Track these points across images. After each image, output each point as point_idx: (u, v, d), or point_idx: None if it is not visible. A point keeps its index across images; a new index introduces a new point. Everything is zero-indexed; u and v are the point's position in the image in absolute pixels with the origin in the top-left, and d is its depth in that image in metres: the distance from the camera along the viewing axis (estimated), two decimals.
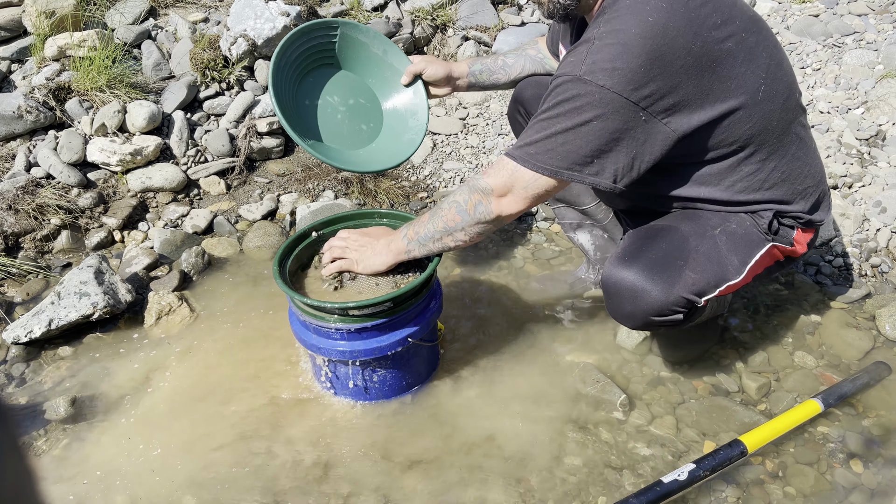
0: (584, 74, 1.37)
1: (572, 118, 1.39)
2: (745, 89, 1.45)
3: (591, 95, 1.37)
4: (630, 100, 1.36)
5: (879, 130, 2.50)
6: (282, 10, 2.88)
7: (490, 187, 1.50)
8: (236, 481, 1.62)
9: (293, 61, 1.81)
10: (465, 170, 2.72)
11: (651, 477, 1.57)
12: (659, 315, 1.53)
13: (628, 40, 1.35)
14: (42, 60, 2.83)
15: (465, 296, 2.17)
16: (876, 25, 3.05)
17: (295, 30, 1.80)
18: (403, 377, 1.77)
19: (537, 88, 1.99)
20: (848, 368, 1.83)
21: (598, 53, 1.37)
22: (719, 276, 1.54)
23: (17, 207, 2.40)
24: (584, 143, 1.40)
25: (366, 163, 1.86)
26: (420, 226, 1.60)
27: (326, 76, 1.91)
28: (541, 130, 1.44)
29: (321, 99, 1.88)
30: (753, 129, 1.49)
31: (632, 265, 1.54)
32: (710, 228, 1.57)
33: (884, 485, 1.55)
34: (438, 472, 1.62)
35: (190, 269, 2.30)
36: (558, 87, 1.42)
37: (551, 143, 1.42)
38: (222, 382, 1.89)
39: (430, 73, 1.92)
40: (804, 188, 1.61)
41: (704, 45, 1.38)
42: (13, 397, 1.88)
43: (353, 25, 1.90)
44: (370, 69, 1.95)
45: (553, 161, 1.43)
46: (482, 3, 3.24)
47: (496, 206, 1.51)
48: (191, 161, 2.70)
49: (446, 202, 1.56)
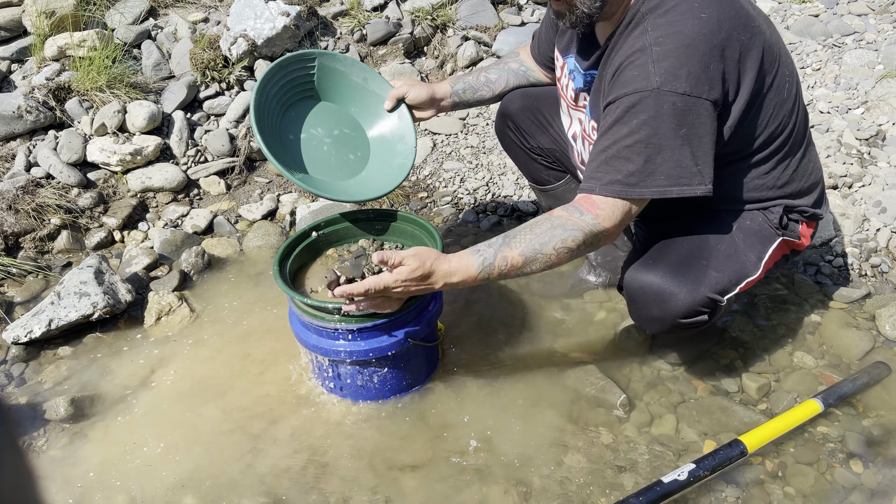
0: (661, 85, 1.32)
1: (664, 135, 1.34)
2: (777, 85, 1.47)
3: (675, 106, 1.33)
4: (709, 100, 1.35)
5: (879, 130, 2.50)
6: (282, 10, 2.88)
7: (606, 230, 1.44)
8: (236, 481, 1.62)
9: (273, 96, 1.78)
10: (465, 169, 2.72)
11: (651, 477, 1.56)
12: (686, 317, 1.52)
13: (691, 41, 1.32)
14: (42, 60, 2.83)
15: (466, 296, 2.17)
16: (876, 25, 3.05)
17: (272, 65, 1.78)
18: (404, 377, 1.77)
19: (524, 100, 1.97)
20: (848, 368, 1.83)
21: (666, 60, 1.33)
22: (740, 273, 1.55)
23: (17, 207, 2.40)
24: (682, 155, 1.36)
25: (358, 192, 1.83)
26: (511, 269, 1.45)
27: (308, 109, 1.88)
28: (635, 156, 1.37)
29: (305, 132, 1.85)
30: (777, 126, 1.51)
31: (655, 268, 1.54)
32: (726, 226, 1.58)
33: (884, 485, 1.55)
34: (438, 473, 1.62)
35: (190, 269, 2.30)
36: (636, 104, 1.35)
37: (652, 167, 1.37)
38: (222, 382, 1.89)
39: (413, 96, 1.89)
40: (810, 184, 1.64)
41: (752, 35, 1.39)
42: (13, 397, 1.88)
43: (330, 56, 1.89)
44: (352, 98, 1.92)
45: (660, 183, 1.38)
46: (482, 3, 3.24)
47: (604, 241, 1.48)
48: (191, 161, 2.70)
49: (552, 248, 1.43)
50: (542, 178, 2.08)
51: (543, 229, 1.45)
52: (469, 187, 2.65)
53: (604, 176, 1.42)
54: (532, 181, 2.14)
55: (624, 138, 1.38)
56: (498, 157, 2.76)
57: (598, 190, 1.43)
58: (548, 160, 2.02)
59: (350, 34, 3.10)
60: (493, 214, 2.53)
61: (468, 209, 2.56)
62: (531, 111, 1.96)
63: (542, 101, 1.95)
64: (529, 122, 1.97)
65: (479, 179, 2.68)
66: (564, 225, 1.44)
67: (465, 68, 3.08)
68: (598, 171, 1.43)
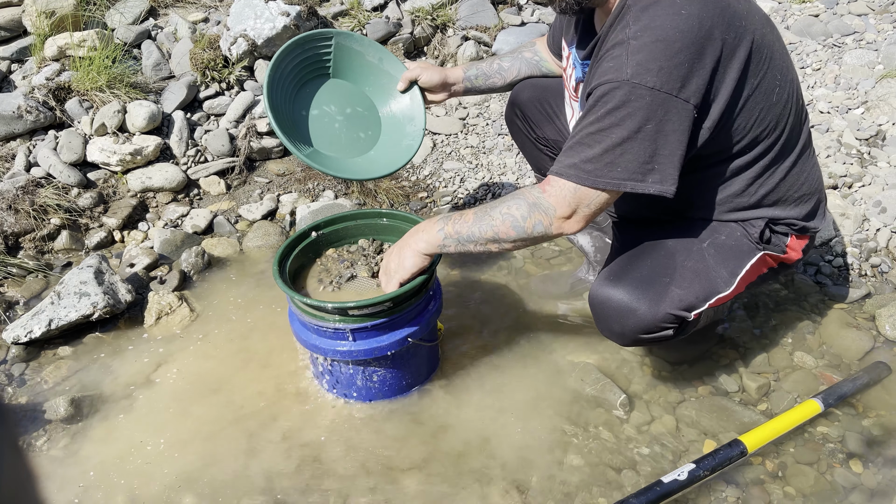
0: (631, 78, 1.32)
1: (627, 126, 1.34)
2: (766, 88, 1.44)
3: (642, 99, 1.32)
4: (680, 97, 1.33)
5: (879, 130, 2.50)
6: (282, 10, 2.88)
7: (554, 208, 1.44)
8: (236, 480, 1.62)
9: (289, 72, 1.82)
10: (465, 169, 2.72)
11: (651, 477, 1.57)
12: (647, 332, 1.51)
13: (667, 36, 1.31)
14: (42, 60, 2.83)
15: (466, 296, 2.17)
16: (876, 25, 3.05)
17: (289, 42, 1.82)
18: (403, 377, 1.77)
19: (533, 91, 1.98)
20: (848, 368, 1.83)
21: (640, 53, 1.32)
22: (708, 290, 1.52)
23: (17, 207, 2.40)
24: (643, 149, 1.34)
25: (364, 170, 1.87)
26: (462, 225, 1.52)
27: (323, 86, 1.91)
28: (595, 143, 1.37)
29: (318, 109, 1.88)
30: (763, 130, 1.48)
31: (618, 284, 1.53)
32: (697, 242, 1.56)
33: (884, 485, 1.55)
34: (438, 473, 1.62)
35: (190, 268, 2.30)
36: (605, 95, 1.35)
37: (611, 157, 1.36)
38: (222, 382, 1.89)
39: (426, 78, 1.92)
40: (801, 195, 1.60)
41: (737, 36, 1.36)
42: (13, 397, 1.88)
43: (347, 35, 1.92)
44: (366, 77, 1.96)
45: (615, 174, 1.37)
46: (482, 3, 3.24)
47: (557, 227, 1.46)
48: (191, 161, 2.70)
49: (498, 212, 1.49)
50: (546, 169, 2.09)
51: (499, 200, 1.53)
52: (469, 187, 2.65)
53: (564, 159, 1.43)
54: (537, 171, 2.17)
55: (589, 125, 1.39)
56: (498, 158, 2.76)
57: (556, 170, 1.44)
58: (553, 151, 2.03)
59: None
60: None
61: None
62: (539, 101, 1.97)
63: (550, 92, 1.96)
64: (537, 112, 1.98)
65: (479, 179, 2.68)
66: (515, 195, 1.50)
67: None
68: (561, 156, 1.45)
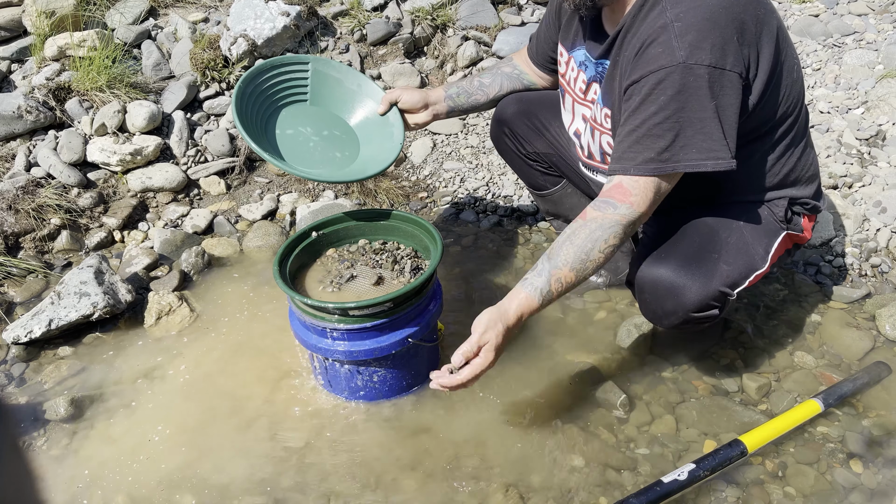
0: (687, 59, 1.33)
1: (694, 107, 1.35)
2: (789, 65, 1.48)
3: (701, 79, 1.33)
4: (734, 71, 1.35)
5: (879, 130, 2.50)
6: (282, 10, 2.88)
7: (643, 214, 1.44)
8: (236, 480, 1.62)
9: (262, 91, 1.84)
10: (465, 169, 2.72)
11: (651, 477, 1.57)
12: (699, 311, 1.53)
13: (712, 14, 1.34)
14: (42, 60, 2.83)
15: (466, 296, 2.17)
16: (876, 25, 3.05)
17: (264, 62, 1.86)
18: (404, 377, 1.77)
19: (519, 105, 1.96)
20: (848, 368, 1.83)
21: (689, 34, 1.33)
22: (749, 266, 1.55)
23: (17, 207, 2.41)
24: (713, 127, 1.36)
25: (330, 175, 1.86)
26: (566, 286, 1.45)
27: (300, 110, 1.92)
28: (666, 132, 1.37)
29: (293, 129, 1.88)
30: (789, 107, 1.52)
31: (667, 262, 1.54)
32: (733, 220, 1.59)
33: (884, 485, 1.55)
34: (438, 473, 1.62)
35: (190, 269, 2.30)
36: (662, 81, 1.35)
37: (683, 140, 1.37)
38: (222, 382, 1.89)
39: (406, 99, 1.92)
40: (811, 174, 1.66)
41: (767, 12, 1.41)
42: (13, 397, 1.88)
43: (324, 62, 1.94)
44: (345, 104, 1.97)
45: (692, 157, 1.38)
46: (482, 3, 3.24)
47: (641, 223, 1.48)
48: (191, 161, 2.70)
49: (597, 251, 1.43)
50: (539, 184, 2.09)
51: (583, 236, 1.44)
52: (469, 187, 2.65)
53: (636, 156, 1.42)
54: (529, 186, 2.16)
55: (653, 116, 1.38)
56: (498, 158, 2.76)
57: (633, 170, 1.42)
58: (543, 165, 2.03)
59: (350, 34, 3.10)
60: (493, 214, 2.53)
61: (468, 209, 2.56)
62: (526, 116, 1.95)
63: (536, 106, 1.95)
64: (525, 127, 1.97)
65: (479, 179, 2.68)
66: (602, 225, 1.43)
67: (466, 68, 3.08)
68: (629, 152, 1.43)
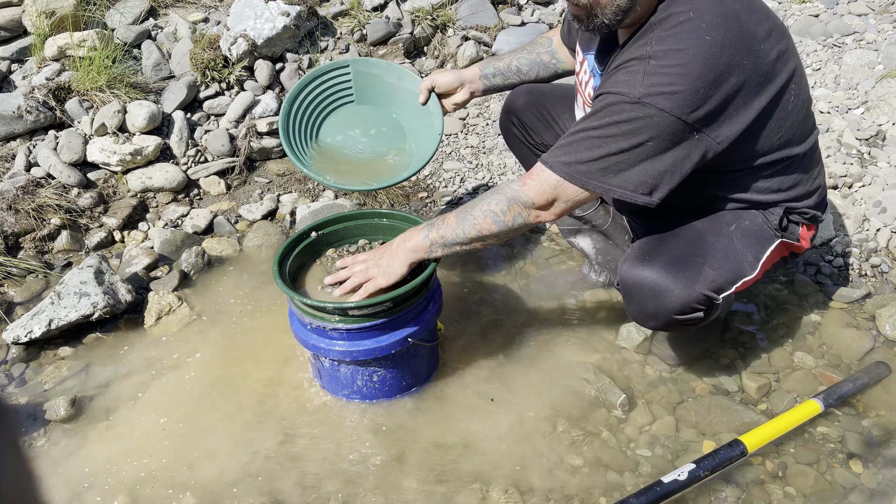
0: (642, 98, 1.36)
1: (628, 140, 1.39)
2: (783, 102, 1.47)
3: (649, 119, 1.37)
4: (687, 122, 1.37)
5: (879, 130, 2.50)
6: (282, 10, 2.88)
7: (532, 201, 1.50)
8: (236, 480, 1.62)
9: (307, 106, 1.94)
10: (465, 170, 2.72)
11: (651, 477, 1.57)
12: (681, 313, 1.53)
13: (688, 61, 1.34)
14: (42, 60, 2.83)
15: (466, 296, 2.17)
16: (876, 25, 3.05)
17: (306, 74, 1.94)
18: (403, 377, 1.77)
19: (530, 97, 1.98)
20: (848, 368, 1.83)
21: (657, 75, 1.36)
22: (736, 273, 1.55)
23: (17, 207, 2.40)
24: (638, 162, 1.41)
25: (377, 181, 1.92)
26: (446, 229, 1.57)
27: (347, 113, 2.02)
28: (593, 148, 1.42)
29: (342, 134, 1.98)
30: (780, 138, 1.51)
31: (652, 264, 1.55)
32: (724, 225, 1.59)
33: (884, 485, 1.55)
34: (439, 473, 1.62)
35: (190, 269, 2.30)
36: (613, 106, 1.40)
37: (605, 163, 1.42)
38: (222, 382, 1.89)
39: (441, 82, 1.95)
40: (814, 187, 1.65)
41: (756, 60, 1.40)
42: (13, 397, 1.88)
43: (363, 61, 2.01)
44: (389, 98, 2.03)
45: (605, 179, 1.43)
46: (482, 3, 3.24)
47: (535, 218, 1.53)
48: (191, 161, 2.70)
49: (479, 210, 1.54)
50: None
51: (481, 196, 1.57)
52: (469, 187, 2.65)
53: (560, 155, 1.47)
54: None
55: (592, 129, 1.42)
56: (498, 158, 2.76)
57: (549, 161, 1.48)
58: None
59: (350, 34, 3.10)
60: None
61: None
62: (536, 107, 1.97)
63: (547, 98, 1.96)
64: (534, 118, 1.98)
65: (479, 179, 2.68)
66: (495, 190, 1.55)
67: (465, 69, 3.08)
68: (556, 148, 1.49)
